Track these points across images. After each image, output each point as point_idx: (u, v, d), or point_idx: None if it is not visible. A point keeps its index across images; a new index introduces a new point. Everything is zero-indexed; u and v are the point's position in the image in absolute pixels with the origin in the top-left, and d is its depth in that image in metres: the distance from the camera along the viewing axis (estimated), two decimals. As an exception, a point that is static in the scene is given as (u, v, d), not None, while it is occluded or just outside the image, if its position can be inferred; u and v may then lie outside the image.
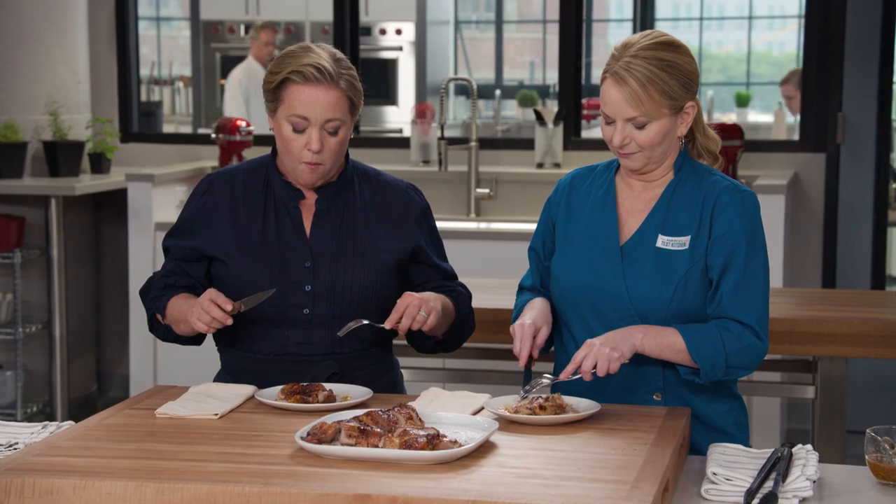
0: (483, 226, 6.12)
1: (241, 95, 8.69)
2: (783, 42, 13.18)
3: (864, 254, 6.37)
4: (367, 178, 3.26)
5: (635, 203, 3.01)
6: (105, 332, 7.02)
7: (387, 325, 3.01)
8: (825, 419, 4.11)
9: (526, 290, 3.17)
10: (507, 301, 3.99)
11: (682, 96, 2.88)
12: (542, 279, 3.15)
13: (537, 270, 3.16)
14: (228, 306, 2.94)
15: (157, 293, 3.18)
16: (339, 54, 3.12)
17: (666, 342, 2.84)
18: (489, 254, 5.60)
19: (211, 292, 2.97)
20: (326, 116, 3.04)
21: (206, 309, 2.94)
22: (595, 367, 2.77)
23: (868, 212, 6.34)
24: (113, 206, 6.78)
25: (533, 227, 5.78)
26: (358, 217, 3.18)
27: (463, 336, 3.28)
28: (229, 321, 2.95)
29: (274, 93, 3.09)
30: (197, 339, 3.20)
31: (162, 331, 3.21)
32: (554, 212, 3.11)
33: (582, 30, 6.56)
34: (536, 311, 3.00)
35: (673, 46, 2.90)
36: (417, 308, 2.99)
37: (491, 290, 4.41)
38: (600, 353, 2.77)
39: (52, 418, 6.33)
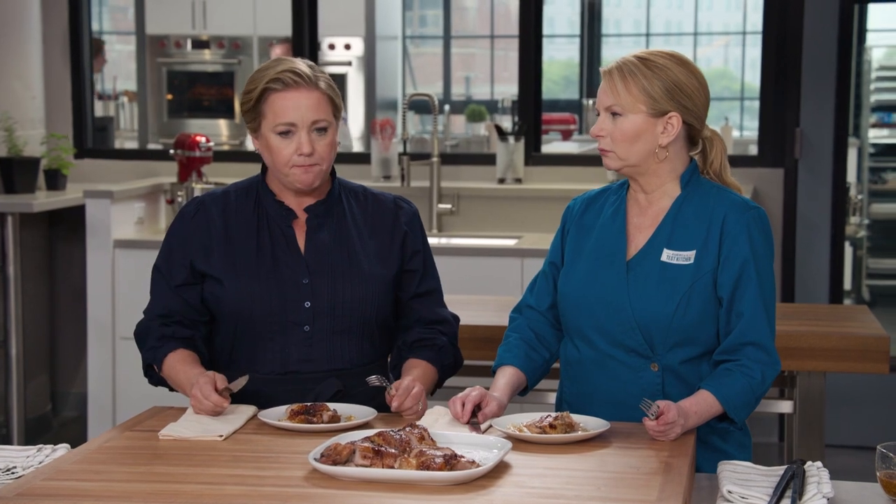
0: (445, 241, 6.10)
1: None
2: (710, 58, 13.27)
3: (821, 268, 6.42)
4: (355, 194, 3.25)
5: (643, 219, 3.02)
6: (59, 350, 6.91)
7: (393, 404, 2.94)
8: (804, 434, 4.12)
9: (525, 310, 3.15)
10: (474, 316, 3.99)
11: (661, 99, 2.90)
12: (551, 296, 3.12)
13: (547, 287, 3.13)
14: (213, 396, 2.87)
15: (154, 343, 3.11)
16: (311, 62, 3.13)
17: (709, 413, 2.85)
18: (453, 270, 5.55)
19: (198, 386, 2.89)
20: (312, 118, 3.04)
21: (202, 405, 2.88)
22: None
23: (826, 226, 6.40)
24: (68, 222, 6.68)
25: (496, 242, 5.87)
26: (350, 232, 3.16)
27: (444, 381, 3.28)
28: (227, 403, 2.90)
29: (255, 109, 3.06)
30: None
31: (157, 380, 3.16)
32: (567, 229, 3.12)
33: (542, 45, 6.57)
34: (504, 384, 2.99)
35: (676, 58, 2.94)
36: (418, 401, 2.95)
37: (455, 307, 4.35)
38: (671, 432, 2.72)
39: (7, 439, 6.23)
